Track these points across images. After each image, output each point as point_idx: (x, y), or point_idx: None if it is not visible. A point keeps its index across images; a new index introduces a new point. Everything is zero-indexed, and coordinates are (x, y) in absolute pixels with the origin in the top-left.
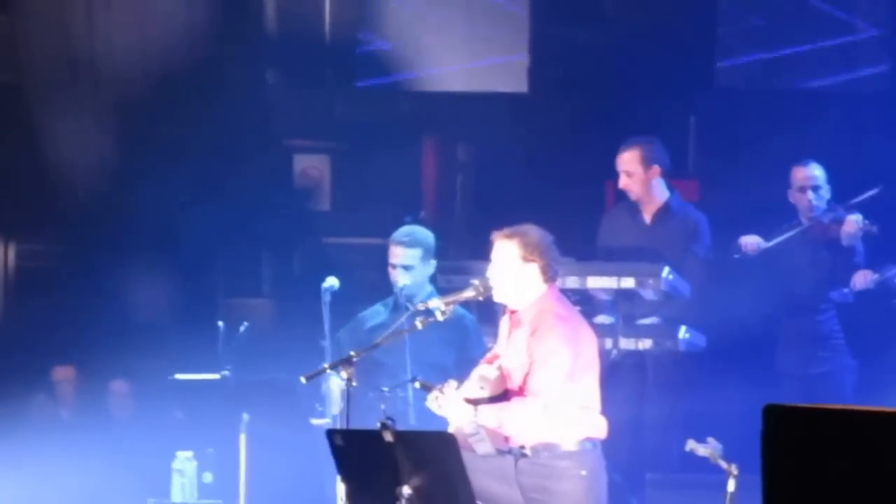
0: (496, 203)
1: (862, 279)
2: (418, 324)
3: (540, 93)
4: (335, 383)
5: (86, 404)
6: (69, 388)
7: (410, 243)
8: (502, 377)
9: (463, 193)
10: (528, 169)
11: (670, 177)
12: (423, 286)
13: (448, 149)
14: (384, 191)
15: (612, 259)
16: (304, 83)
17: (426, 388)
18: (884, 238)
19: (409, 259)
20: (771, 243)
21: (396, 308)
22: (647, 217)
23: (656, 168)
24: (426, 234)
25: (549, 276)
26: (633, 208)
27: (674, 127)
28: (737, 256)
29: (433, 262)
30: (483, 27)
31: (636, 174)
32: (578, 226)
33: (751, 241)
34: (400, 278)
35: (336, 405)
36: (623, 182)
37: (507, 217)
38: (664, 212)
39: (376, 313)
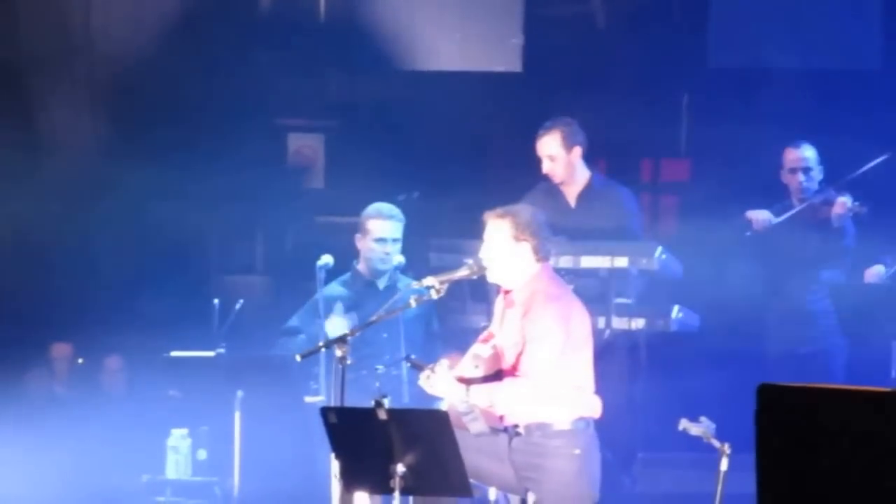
0: (489, 182)
1: (874, 276)
2: (412, 302)
3: (534, 72)
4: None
5: (81, 381)
6: (66, 366)
7: (398, 217)
8: (496, 356)
9: (456, 172)
10: (522, 148)
11: (662, 156)
12: None
13: (442, 128)
14: (378, 170)
15: None
16: (298, 62)
17: (418, 367)
18: (886, 223)
19: (399, 232)
20: (780, 219)
21: (367, 285)
22: (571, 199)
23: (577, 149)
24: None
25: (542, 255)
26: (553, 191)
27: (667, 106)
28: (748, 234)
29: None
30: (477, 6)
31: (559, 157)
32: None
33: (761, 217)
34: (392, 253)
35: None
36: (547, 167)
37: (499, 196)
38: (588, 192)
39: (340, 291)
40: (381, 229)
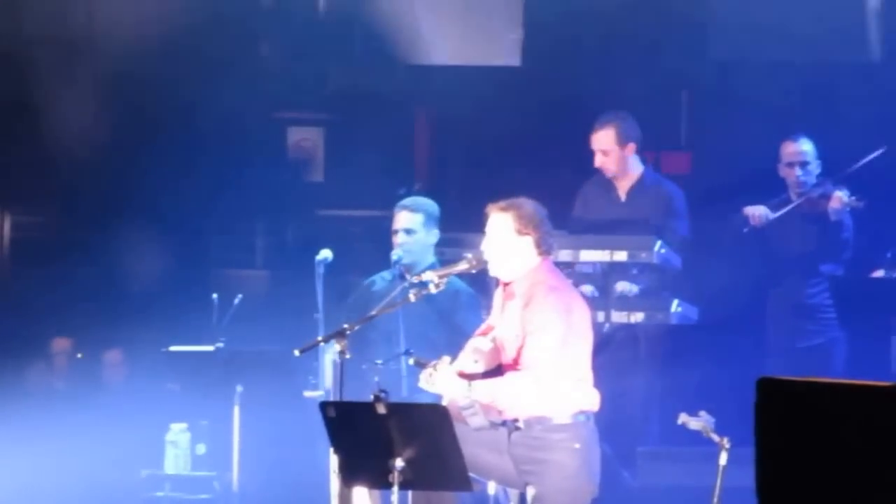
0: (489, 176)
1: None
2: (412, 296)
3: (533, 66)
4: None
5: (81, 376)
6: (65, 360)
7: (414, 208)
8: (496, 349)
9: (456, 166)
10: (522, 142)
11: (662, 149)
12: (424, 255)
13: (441, 121)
14: (378, 163)
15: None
16: (298, 55)
17: (420, 365)
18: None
19: (411, 223)
20: (777, 214)
21: (396, 279)
22: (622, 193)
23: (632, 145)
24: (430, 203)
25: (544, 249)
26: (607, 184)
27: (666, 99)
28: (746, 230)
29: (436, 233)
30: (477, 0)
31: (612, 152)
32: (571, 199)
33: (758, 213)
34: (401, 243)
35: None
36: (599, 161)
37: (500, 190)
38: (638, 187)
39: (381, 280)
40: (395, 220)
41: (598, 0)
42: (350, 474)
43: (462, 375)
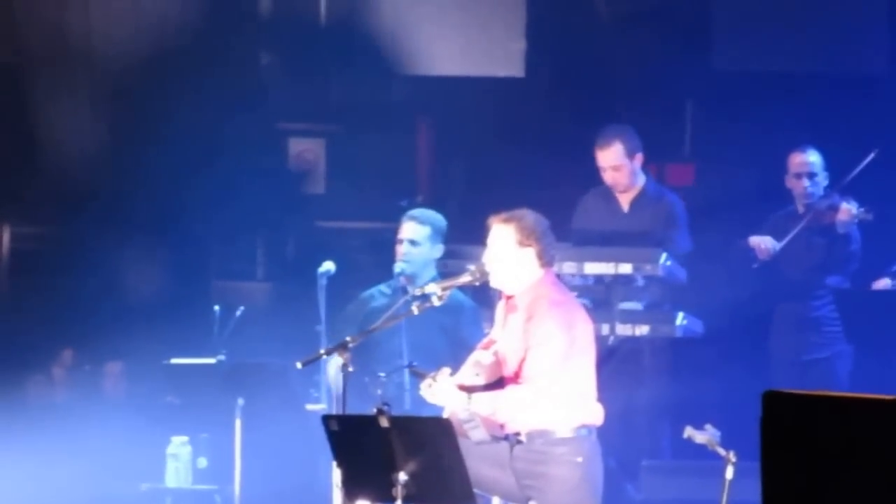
0: (491, 187)
1: (881, 287)
2: (414, 309)
3: (536, 77)
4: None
5: (81, 388)
6: (65, 372)
7: (421, 220)
8: (498, 363)
9: (458, 177)
10: (524, 153)
11: (667, 161)
12: (426, 268)
13: (444, 132)
14: (379, 174)
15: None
16: (299, 66)
17: (419, 376)
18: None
19: (417, 234)
20: (783, 243)
21: (397, 292)
22: (625, 204)
23: (639, 156)
24: (439, 218)
25: (546, 261)
26: (608, 194)
27: (670, 110)
28: (755, 266)
29: (440, 247)
30: (479, 11)
31: (624, 167)
32: (575, 211)
33: (765, 245)
34: (405, 253)
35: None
36: (610, 177)
37: (502, 201)
38: (641, 198)
39: (380, 294)
40: (401, 230)
41: (601, 10)
42: (353, 488)
43: (463, 388)
